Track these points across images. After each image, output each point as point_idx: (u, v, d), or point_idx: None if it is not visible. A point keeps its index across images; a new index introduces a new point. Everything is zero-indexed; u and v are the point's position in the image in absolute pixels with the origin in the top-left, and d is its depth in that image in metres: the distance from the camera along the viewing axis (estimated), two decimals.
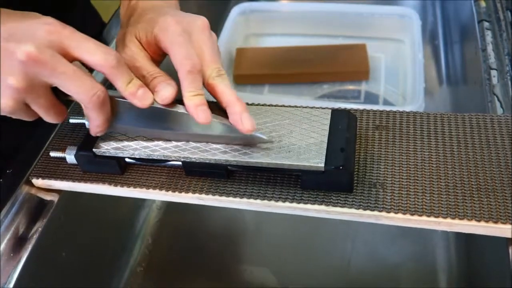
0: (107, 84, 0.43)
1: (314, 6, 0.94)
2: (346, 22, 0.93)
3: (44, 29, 0.38)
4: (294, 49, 0.90)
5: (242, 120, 0.42)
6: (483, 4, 0.72)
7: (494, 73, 0.61)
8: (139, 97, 0.41)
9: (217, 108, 0.44)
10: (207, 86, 0.44)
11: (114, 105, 0.44)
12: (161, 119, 0.44)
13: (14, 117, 0.42)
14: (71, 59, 0.39)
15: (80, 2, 0.73)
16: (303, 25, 0.96)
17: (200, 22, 0.45)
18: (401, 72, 0.86)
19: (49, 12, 0.42)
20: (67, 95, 0.41)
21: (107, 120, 0.43)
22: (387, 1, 1.00)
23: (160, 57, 0.47)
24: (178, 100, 0.43)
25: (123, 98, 0.42)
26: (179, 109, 0.43)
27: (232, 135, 0.44)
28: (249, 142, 0.44)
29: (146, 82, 0.43)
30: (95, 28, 0.74)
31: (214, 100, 0.44)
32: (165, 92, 0.42)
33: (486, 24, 0.68)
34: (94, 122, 0.43)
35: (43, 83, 0.39)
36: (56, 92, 0.41)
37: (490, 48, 0.64)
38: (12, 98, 0.39)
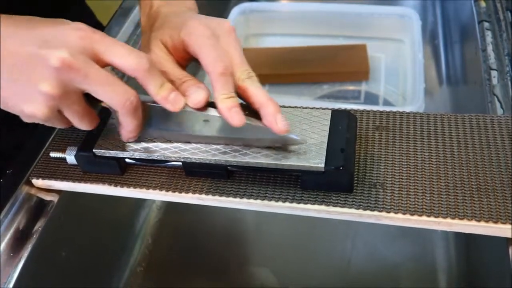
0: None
1: (314, 6, 0.94)
2: (346, 22, 0.93)
3: (76, 35, 0.38)
4: (294, 50, 0.90)
5: (277, 121, 0.41)
6: (483, 4, 0.72)
7: (494, 73, 0.61)
8: (171, 101, 0.41)
9: (248, 110, 0.43)
10: (238, 89, 0.43)
11: (146, 110, 0.43)
12: (193, 123, 0.44)
13: (48, 124, 0.42)
14: (103, 64, 0.39)
15: (75, 2, 0.73)
16: (303, 25, 0.96)
17: (227, 25, 0.45)
18: (401, 72, 0.86)
19: (44, 13, 0.42)
20: (99, 101, 0.40)
21: (140, 125, 0.43)
22: (387, 1, 1.00)
23: (186, 62, 0.46)
24: (209, 103, 0.43)
25: (154, 103, 0.42)
26: (211, 112, 0.43)
27: (265, 137, 0.43)
28: (282, 144, 0.44)
29: (175, 86, 0.42)
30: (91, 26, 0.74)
31: (244, 103, 0.44)
32: (197, 96, 0.42)
33: (486, 24, 0.68)
34: (127, 127, 0.43)
35: (77, 90, 0.39)
36: (88, 99, 0.41)
37: (490, 48, 0.64)
38: (46, 105, 0.39)
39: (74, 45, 0.38)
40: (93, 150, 0.47)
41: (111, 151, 0.46)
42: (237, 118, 0.41)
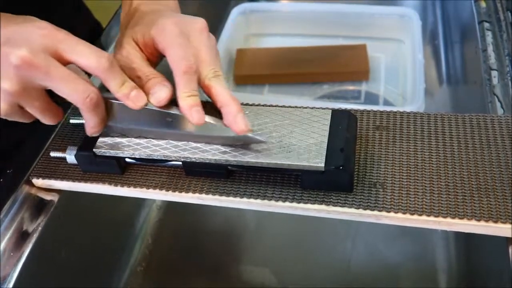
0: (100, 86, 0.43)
1: (314, 6, 0.94)
2: (346, 22, 0.93)
3: (38, 33, 0.39)
4: (294, 50, 0.90)
5: (236, 121, 0.42)
6: (483, 4, 0.72)
7: (494, 73, 0.61)
8: (132, 99, 0.42)
9: (213, 109, 0.44)
10: (203, 87, 0.44)
11: (110, 107, 0.44)
12: (156, 120, 0.45)
13: (10, 119, 0.43)
14: (65, 62, 0.40)
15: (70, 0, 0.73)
16: (303, 25, 0.96)
17: (199, 24, 0.46)
18: (401, 72, 0.86)
19: (39, 9, 0.42)
20: (63, 98, 0.41)
21: (102, 121, 0.44)
22: (387, 1, 1.00)
23: (157, 59, 0.47)
24: (173, 100, 0.43)
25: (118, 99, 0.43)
26: (173, 110, 0.43)
27: (226, 135, 0.44)
28: (244, 143, 0.44)
29: (141, 83, 0.43)
30: (88, 25, 0.74)
31: (209, 101, 0.45)
32: (160, 94, 0.43)
33: (486, 24, 0.68)
34: (89, 123, 0.44)
35: (37, 86, 0.40)
36: (54, 95, 0.42)
37: (490, 48, 0.64)
38: (6, 102, 0.40)
39: (35, 43, 0.38)
40: (93, 149, 0.47)
41: (111, 151, 0.46)
42: (197, 116, 0.42)
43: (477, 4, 0.72)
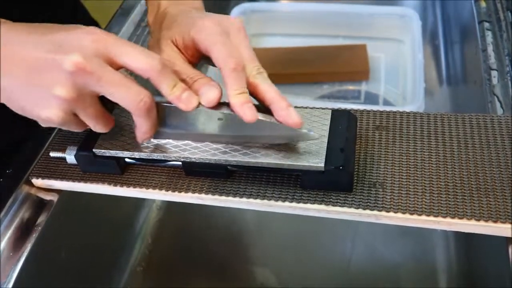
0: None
1: (314, 6, 0.94)
2: (346, 22, 0.93)
3: (89, 38, 0.39)
4: (294, 50, 0.90)
5: (290, 114, 0.41)
6: (483, 4, 0.72)
7: (494, 73, 0.61)
8: (184, 101, 0.41)
9: (260, 110, 0.43)
10: (248, 85, 0.43)
11: (160, 111, 0.44)
12: (207, 122, 0.44)
13: (64, 128, 0.42)
14: (117, 66, 0.39)
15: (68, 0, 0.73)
16: (303, 25, 0.96)
17: (237, 22, 0.45)
18: (401, 72, 0.86)
19: (36, 9, 0.42)
20: (114, 104, 0.41)
21: (154, 126, 0.43)
22: (387, 1, 1.00)
23: (196, 60, 0.46)
24: (223, 102, 0.43)
25: (168, 103, 0.42)
26: (225, 110, 0.43)
27: (279, 133, 0.43)
28: (296, 140, 0.43)
29: (187, 85, 0.42)
30: (85, 25, 0.74)
31: (256, 103, 0.43)
32: (210, 94, 0.42)
33: (486, 24, 0.68)
34: (141, 128, 0.42)
35: (91, 93, 0.39)
36: (103, 101, 0.41)
37: (490, 48, 0.64)
38: (61, 109, 0.39)
39: (87, 49, 0.38)
40: (93, 149, 0.47)
41: (111, 151, 0.46)
42: (250, 113, 0.40)
43: (477, 4, 0.72)
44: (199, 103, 0.42)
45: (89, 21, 0.78)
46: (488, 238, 0.43)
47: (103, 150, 0.47)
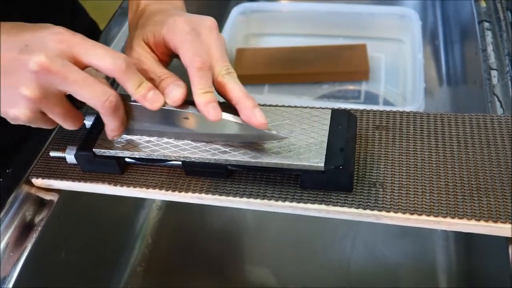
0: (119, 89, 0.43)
1: (314, 6, 0.94)
2: (346, 22, 0.93)
3: (54, 39, 0.39)
4: (294, 49, 0.90)
5: (255, 115, 0.41)
6: (483, 4, 0.72)
7: (494, 73, 0.61)
8: (150, 100, 0.42)
9: (226, 107, 0.43)
10: (216, 84, 0.44)
11: (129, 109, 0.44)
12: (173, 120, 0.44)
13: (33, 125, 0.43)
14: (83, 66, 0.40)
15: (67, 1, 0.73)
16: (303, 25, 0.96)
17: (209, 22, 0.46)
18: (401, 72, 0.86)
19: (35, 11, 0.42)
20: (82, 102, 0.41)
21: (122, 124, 0.43)
22: (387, 1, 1.00)
23: (168, 58, 0.47)
24: (189, 100, 0.43)
25: (136, 101, 0.43)
26: (190, 109, 0.43)
27: (243, 133, 0.43)
28: (261, 140, 0.44)
29: (155, 84, 0.43)
30: (84, 25, 0.75)
31: (223, 102, 0.44)
32: (175, 93, 0.42)
33: (486, 24, 0.68)
34: (109, 126, 0.43)
35: (57, 92, 0.40)
36: (74, 100, 0.42)
37: (490, 48, 0.64)
38: (28, 108, 0.40)
39: (52, 49, 0.39)
40: (93, 149, 0.47)
41: (110, 151, 0.46)
42: (213, 112, 0.41)
43: (477, 4, 0.72)
44: (165, 102, 0.42)
45: (88, 21, 0.78)
46: (488, 238, 0.43)
47: (103, 150, 0.46)
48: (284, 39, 0.96)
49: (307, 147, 0.43)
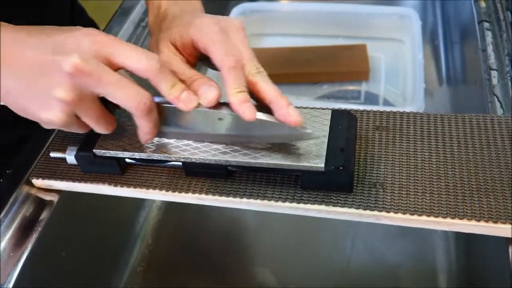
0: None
1: (314, 6, 0.94)
2: (346, 22, 0.93)
3: (88, 40, 0.39)
4: (294, 50, 0.90)
5: (290, 113, 0.41)
6: (483, 4, 0.72)
7: (494, 73, 0.61)
8: (184, 101, 0.41)
9: (260, 109, 0.42)
10: (248, 84, 0.43)
11: (161, 112, 0.43)
12: (207, 122, 0.44)
13: (66, 130, 0.42)
14: (116, 67, 0.39)
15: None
16: (303, 25, 0.96)
17: (236, 22, 0.45)
18: (401, 72, 0.86)
19: (32, 9, 0.42)
20: (115, 105, 0.41)
21: (155, 126, 0.43)
22: (387, 1, 1.00)
23: (195, 60, 0.46)
24: (221, 102, 0.43)
25: (169, 103, 0.42)
26: (224, 110, 0.43)
27: (278, 133, 0.42)
28: (296, 139, 0.43)
29: (186, 85, 0.42)
30: (82, 25, 0.75)
31: (255, 103, 0.43)
32: (209, 94, 0.41)
33: (486, 24, 0.68)
34: (143, 129, 0.42)
35: (91, 94, 0.39)
36: (105, 102, 0.41)
37: (490, 48, 0.64)
38: (62, 111, 0.39)
39: (86, 50, 0.38)
40: (93, 150, 0.47)
41: (111, 151, 0.46)
42: (249, 112, 0.40)
43: (477, 4, 0.72)
44: (199, 103, 0.41)
45: (87, 22, 0.78)
46: (488, 238, 0.43)
47: (103, 151, 0.46)
48: (284, 39, 0.96)
49: (307, 148, 0.43)
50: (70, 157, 0.49)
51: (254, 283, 0.69)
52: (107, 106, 0.42)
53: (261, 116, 0.41)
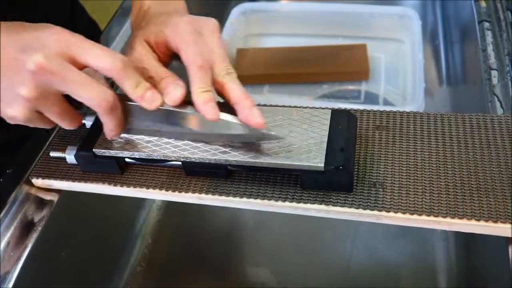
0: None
1: (314, 6, 0.94)
2: (346, 22, 0.93)
3: (53, 38, 0.39)
4: (294, 49, 0.90)
5: (253, 114, 0.42)
6: (483, 4, 0.72)
7: (494, 73, 0.61)
8: (147, 100, 0.42)
9: (225, 108, 0.43)
10: (215, 85, 0.44)
11: (128, 109, 0.44)
12: (172, 120, 0.44)
13: (30, 125, 0.43)
14: (81, 66, 0.40)
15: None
16: (303, 25, 0.96)
17: (211, 23, 0.46)
18: (401, 72, 0.86)
19: (31, 9, 0.43)
20: (80, 102, 0.41)
21: (120, 123, 0.43)
22: (387, 1, 1.00)
23: (168, 59, 0.47)
24: (188, 100, 0.43)
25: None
26: (188, 109, 0.43)
27: (241, 133, 0.43)
28: (259, 140, 0.44)
29: (154, 83, 0.43)
30: (83, 25, 0.75)
31: (222, 101, 0.44)
32: (175, 93, 0.42)
33: (486, 24, 0.68)
34: (107, 126, 0.43)
35: (54, 91, 0.40)
36: (71, 100, 0.42)
37: (490, 48, 0.64)
38: (25, 107, 0.40)
39: (50, 49, 0.39)
40: (93, 149, 0.47)
41: (110, 151, 0.46)
42: (212, 112, 0.41)
43: (477, 4, 0.72)
44: (163, 102, 0.42)
45: (87, 22, 0.78)
46: (488, 238, 0.43)
47: (103, 150, 0.47)
48: (284, 39, 0.96)
49: (307, 147, 0.43)
50: (70, 157, 0.49)
51: (254, 283, 0.69)
52: (72, 103, 0.43)
53: (224, 116, 0.42)
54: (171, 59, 0.47)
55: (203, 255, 0.73)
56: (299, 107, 0.49)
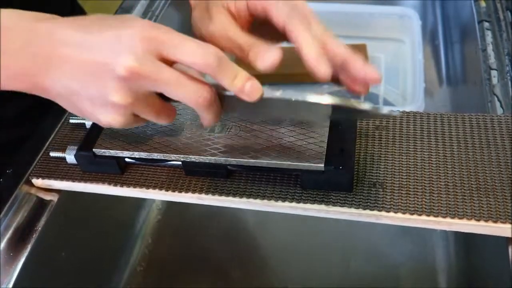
0: None
1: (314, 6, 0.92)
2: (346, 22, 0.93)
3: (140, 37, 0.36)
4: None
5: (369, 68, 0.40)
6: (483, 4, 0.71)
7: (494, 73, 0.61)
8: (247, 92, 0.38)
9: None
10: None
11: (223, 99, 0.41)
12: (270, 107, 0.42)
13: (127, 128, 0.41)
14: (171, 62, 0.37)
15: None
16: None
17: None
18: (401, 72, 0.86)
19: (35, 9, 0.42)
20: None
21: (217, 115, 0.40)
22: (387, 1, 1.00)
23: (248, 25, 0.45)
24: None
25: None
26: (287, 95, 0.40)
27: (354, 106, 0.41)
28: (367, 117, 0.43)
29: (244, 52, 0.41)
30: None
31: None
32: (271, 55, 0.40)
33: (486, 24, 0.68)
34: (204, 120, 0.41)
35: (149, 93, 0.38)
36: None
37: (490, 48, 0.64)
38: (120, 114, 0.38)
39: (139, 49, 0.35)
40: (93, 149, 0.47)
41: (110, 151, 0.46)
42: (325, 67, 0.40)
43: (477, 4, 0.72)
44: (263, 93, 0.39)
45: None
46: (488, 238, 0.43)
47: (103, 150, 0.47)
48: None
49: (307, 147, 0.43)
50: (70, 157, 0.49)
51: (254, 283, 0.69)
52: (164, 96, 0.40)
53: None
54: (250, 26, 0.45)
55: (203, 255, 0.73)
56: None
